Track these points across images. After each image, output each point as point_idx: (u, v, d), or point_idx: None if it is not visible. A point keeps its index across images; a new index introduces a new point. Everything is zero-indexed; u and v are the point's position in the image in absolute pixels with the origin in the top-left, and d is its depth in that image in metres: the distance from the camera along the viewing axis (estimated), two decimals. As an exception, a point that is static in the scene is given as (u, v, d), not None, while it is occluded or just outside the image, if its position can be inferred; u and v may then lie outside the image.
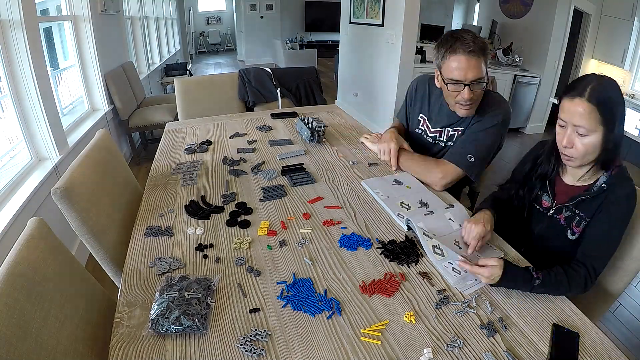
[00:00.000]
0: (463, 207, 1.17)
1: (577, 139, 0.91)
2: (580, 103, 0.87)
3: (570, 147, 0.92)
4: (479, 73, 1.12)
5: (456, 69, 1.13)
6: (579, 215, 0.99)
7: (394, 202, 1.20)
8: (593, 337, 0.76)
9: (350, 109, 4.54)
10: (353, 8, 4.18)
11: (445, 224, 1.09)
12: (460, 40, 1.11)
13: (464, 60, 1.11)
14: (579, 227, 0.99)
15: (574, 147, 0.92)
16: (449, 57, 1.14)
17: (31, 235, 0.79)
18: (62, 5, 2.77)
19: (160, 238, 1.04)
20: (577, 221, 0.99)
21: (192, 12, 11.53)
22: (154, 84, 5.40)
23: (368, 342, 0.74)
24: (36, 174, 1.94)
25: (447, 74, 1.17)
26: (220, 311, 0.80)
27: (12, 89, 1.87)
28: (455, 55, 1.12)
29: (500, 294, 0.86)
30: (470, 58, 1.10)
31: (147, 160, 3.45)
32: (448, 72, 1.16)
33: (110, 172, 1.26)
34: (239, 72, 2.96)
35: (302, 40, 10.34)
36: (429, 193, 1.27)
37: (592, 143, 0.90)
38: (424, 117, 1.46)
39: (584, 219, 0.98)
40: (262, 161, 1.49)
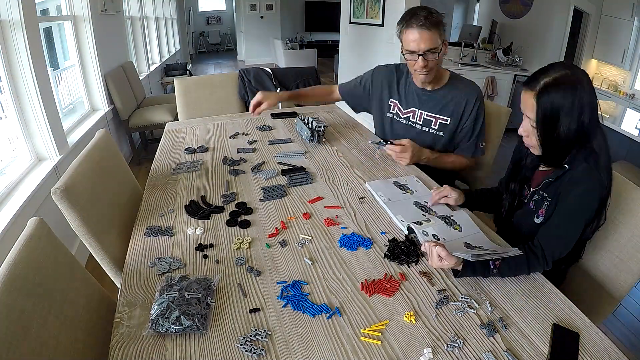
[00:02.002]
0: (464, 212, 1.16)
1: (531, 130, 0.92)
2: (529, 97, 0.89)
3: (526, 137, 0.94)
4: (432, 44, 1.28)
5: (411, 41, 1.30)
6: (545, 199, 0.99)
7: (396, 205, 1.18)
8: (593, 337, 0.76)
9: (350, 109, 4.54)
10: (353, 8, 4.18)
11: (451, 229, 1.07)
12: (415, 16, 1.27)
13: (417, 34, 1.28)
14: (543, 209, 1.00)
15: (529, 137, 0.94)
16: (405, 31, 1.31)
17: (31, 235, 0.79)
18: (62, 5, 2.77)
19: (160, 238, 1.04)
20: (543, 204, 1.00)
21: (192, 12, 11.53)
22: (154, 84, 5.40)
23: (368, 342, 0.74)
24: (36, 174, 1.94)
25: (405, 46, 1.34)
26: (220, 311, 0.80)
27: (12, 89, 1.87)
28: (410, 29, 1.29)
29: (501, 294, 0.86)
30: (422, 31, 1.27)
31: (147, 160, 3.45)
32: (406, 44, 1.34)
33: (110, 172, 1.26)
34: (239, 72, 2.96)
35: (302, 40, 10.34)
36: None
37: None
38: (395, 101, 1.60)
39: (546, 200, 0.99)
40: (262, 161, 1.49)
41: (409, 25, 1.29)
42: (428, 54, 1.30)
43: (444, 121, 1.48)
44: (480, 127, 1.48)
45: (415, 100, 1.52)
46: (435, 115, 1.49)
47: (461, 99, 1.44)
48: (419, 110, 1.52)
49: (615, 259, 1.02)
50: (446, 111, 1.47)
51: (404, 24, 1.31)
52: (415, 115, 1.54)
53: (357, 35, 4.21)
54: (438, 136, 1.52)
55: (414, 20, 1.27)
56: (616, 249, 1.02)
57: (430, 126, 1.51)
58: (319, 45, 9.58)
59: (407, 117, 1.56)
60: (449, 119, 1.47)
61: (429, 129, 1.52)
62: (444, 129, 1.50)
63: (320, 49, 8.90)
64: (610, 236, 1.04)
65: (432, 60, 1.32)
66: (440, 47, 1.30)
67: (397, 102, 1.59)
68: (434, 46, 1.28)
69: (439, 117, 1.48)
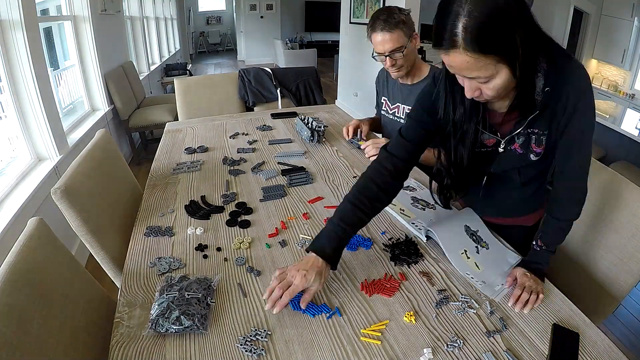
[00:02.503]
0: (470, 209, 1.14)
1: (482, 86, 0.73)
2: (457, 56, 0.67)
3: (479, 96, 0.76)
4: (394, 44, 1.33)
5: (377, 43, 1.36)
6: (535, 134, 0.85)
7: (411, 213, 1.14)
8: (593, 337, 0.76)
9: (350, 109, 4.54)
10: (353, 8, 4.18)
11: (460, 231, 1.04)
12: (376, 20, 1.33)
13: (380, 36, 1.34)
14: (541, 145, 0.86)
15: (482, 95, 0.75)
16: (371, 34, 1.37)
17: (31, 235, 0.79)
18: (62, 5, 2.77)
19: (160, 238, 1.04)
20: (536, 140, 0.85)
21: (192, 12, 11.53)
22: (154, 84, 5.40)
23: (368, 342, 0.74)
24: (36, 174, 1.94)
25: (374, 48, 1.40)
26: (220, 311, 0.80)
27: (12, 89, 1.87)
28: (374, 33, 1.35)
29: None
30: (384, 34, 1.32)
31: (147, 160, 3.45)
32: (374, 46, 1.40)
33: (110, 172, 1.26)
34: (239, 72, 2.95)
35: (302, 40, 10.34)
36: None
37: (500, 83, 0.72)
38: (385, 99, 1.65)
39: (542, 134, 0.84)
40: (262, 161, 1.49)
41: (373, 29, 1.35)
42: (394, 53, 1.36)
43: None
44: None
45: (399, 96, 1.56)
46: None
47: None
48: (402, 104, 1.56)
49: (615, 259, 1.02)
50: None
51: (369, 28, 1.37)
52: (399, 110, 1.57)
53: (357, 35, 4.21)
54: None
55: (376, 24, 1.33)
56: (616, 249, 1.02)
57: None
58: (319, 45, 9.58)
59: (394, 112, 1.60)
60: None
61: None
62: None
63: (320, 49, 8.91)
64: (610, 236, 1.03)
65: (400, 59, 1.37)
66: (406, 45, 1.35)
67: (387, 100, 1.63)
68: (398, 45, 1.34)
69: None
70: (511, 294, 0.84)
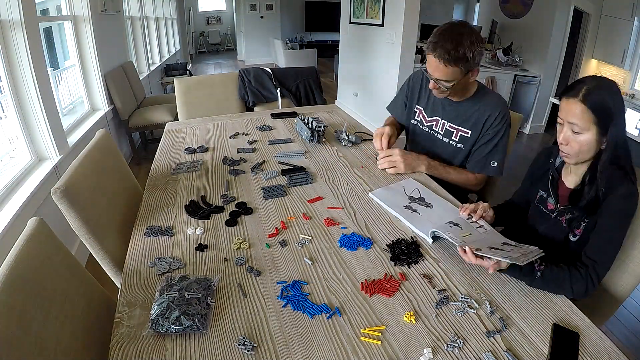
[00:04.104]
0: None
1: (572, 137, 0.95)
2: (574, 102, 0.92)
3: (565, 145, 0.97)
4: (445, 77, 1.26)
5: (428, 64, 1.28)
6: (582, 219, 1.00)
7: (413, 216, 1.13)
8: (593, 337, 0.76)
9: (350, 109, 4.54)
10: (353, 8, 4.18)
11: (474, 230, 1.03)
12: (440, 44, 1.21)
13: (435, 63, 1.24)
14: (580, 229, 1.01)
15: (569, 145, 0.96)
16: (428, 52, 1.26)
17: (31, 235, 0.79)
18: (62, 5, 2.77)
19: (160, 238, 1.04)
20: (578, 223, 1.01)
21: (192, 12, 11.53)
22: (154, 84, 5.40)
23: (368, 342, 0.74)
24: (36, 174, 1.94)
25: (426, 63, 1.31)
26: (220, 311, 0.80)
27: (12, 89, 1.87)
28: (431, 55, 1.24)
29: (501, 294, 0.86)
30: (439, 64, 1.23)
31: (147, 160, 3.45)
32: (426, 61, 1.30)
33: (110, 172, 1.26)
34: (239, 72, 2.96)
35: (302, 40, 10.34)
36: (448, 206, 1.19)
37: (586, 141, 0.93)
38: (420, 108, 1.55)
39: (583, 220, 1.00)
40: (262, 161, 1.49)
41: (432, 50, 1.23)
42: (440, 82, 1.28)
43: (464, 133, 1.43)
44: (497, 144, 1.38)
45: (439, 109, 1.48)
46: (456, 126, 1.44)
47: (484, 112, 1.37)
48: (441, 119, 1.47)
49: (617, 261, 1.02)
50: (468, 123, 1.41)
51: (430, 46, 1.24)
52: (438, 124, 1.49)
53: (357, 35, 4.20)
54: (458, 148, 1.46)
55: (437, 48, 1.21)
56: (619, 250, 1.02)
57: (451, 137, 1.46)
58: (319, 45, 9.58)
59: (430, 125, 1.51)
60: (470, 132, 1.41)
61: (449, 140, 1.47)
62: (465, 141, 1.44)
63: (320, 49, 8.91)
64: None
65: (443, 87, 1.29)
66: (458, 80, 1.26)
67: (422, 109, 1.54)
68: (448, 79, 1.26)
69: (460, 129, 1.43)
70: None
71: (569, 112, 0.93)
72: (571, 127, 0.94)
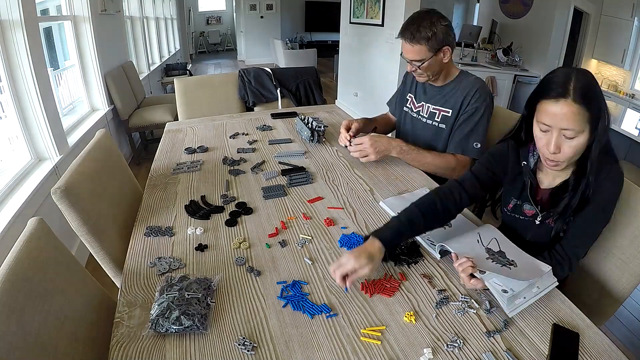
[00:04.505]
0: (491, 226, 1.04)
1: (564, 143, 0.85)
2: (566, 104, 0.80)
3: (557, 153, 0.86)
4: (415, 56, 1.36)
5: (402, 49, 1.40)
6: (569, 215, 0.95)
7: None
8: (593, 337, 0.76)
9: (350, 109, 4.54)
10: (353, 8, 4.18)
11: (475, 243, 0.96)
12: (406, 28, 1.35)
13: (403, 46, 1.38)
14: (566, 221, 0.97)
15: (561, 152, 0.86)
16: (400, 39, 1.39)
17: (31, 235, 0.79)
18: (62, 5, 2.76)
19: (160, 238, 1.04)
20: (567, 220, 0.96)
21: (192, 12, 11.53)
22: (154, 84, 5.40)
23: (368, 342, 0.74)
24: (36, 174, 1.94)
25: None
26: (220, 311, 0.80)
27: (12, 89, 1.87)
28: (400, 38, 1.38)
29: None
30: (405, 44, 1.36)
31: (147, 160, 3.45)
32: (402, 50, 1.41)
33: (110, 172, 1.26)
34: (239, 72, 2.96)
35: (302, 40, 10.34)
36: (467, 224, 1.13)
37: (580, 144, 0.84)
38: (411, 95, 1.62)
39: (571, 216, 0.95)
40: (262, 161, 1.49)
41: (400, 34, 1.37)
42: (413, 62, 1.37)
43: (446, 113, 1.47)
44: (477, 123, 1.38)
45: (425, 94, 1.55)
46: (439, 107, 1.49)
47: (464, 91, 1.42)
48: (427, 103, 1.53)
49: (617, 261, 1.02)
50: (449, 103, 1.46)
51: (400, 31, 1.38)
52: (423, 108, 1.55)
53: (357, 35, 4.20)
54: (440, 129, 1.49)
55: (404, 32, 1.35)
56: (618, 250, 1.02)
57: (434, 119, 1.51)
58: (319, 45, 9.58)
59: (418, 110, 1.58)
60: (450, 111, 1.46)
61: (432, 121, 1.52)
62: (446, 121, 1.47)
63: (320, 49, 8.90)
64: (612, 237, 1.03)
65: (422, 67, 1.37)
66: (427, 59, 1.34)
67: (413, 97, 1.61)
68: (418, 58, 1.35)
69: (442, 109, 1.48)
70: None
71: (561, 117, 0.81)
72: (563, 133, 0.83)
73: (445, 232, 1.06)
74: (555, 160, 0.88)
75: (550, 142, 0.85)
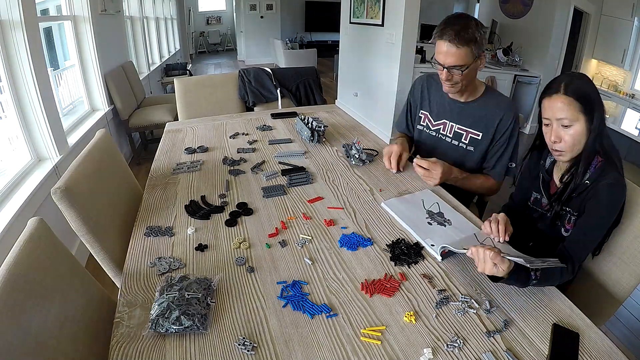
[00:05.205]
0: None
1: (563, 132, 0.96)
2: (558, 98, 0.95)
3: (559, 142, 0.98)
4: (458, 61, 1.23)
5: (439, 52, 1.26)
6: (569, 212, 1.03)
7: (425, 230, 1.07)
8: (593, 337, 0.76)
9: (350, 109, 4.54)
10: (353, 8, 4.18)
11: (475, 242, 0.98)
12: (448, 28, 1.21)
13: (445, 47, 1.23)
14: (570, 223, 1.03)
15: (562, 141, 0.97)
16: (437, 40, 1.26)
17: (31, 235, 0.78)
18: (62, 5, 2.77)
19: (160, 238, 1.04)
20: (569, 218, 1.03)
21: (192, 12, 11.53)
22: (154, 84, 5.40)
23: (368, 342, 0.74)
24: (36, 174, 1.94)
25: (435, 54, 1.29)
26: (220, 311, 0.80)
27: (12, 89, 1.87)
28: (440, 40, 1.24)
29: (501, 294, 0.86)
30: (450, 47, 1.21)
31: (147, 160, 3.45)
32: (436, 53, 1.28)
33: (110, 172, 1.26)
34: (239, 72, 2.96)
35: (302, 40, 10.34)
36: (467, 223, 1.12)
37: (577, 132, 0.95)
38: (425, 113, 1.52)
39: (573, 215, 1.02)
40: (262, 161, 1.49)
41: (441, 36, 1.23)
42: (452, 69, 1.25)
43: (475, 136, 1.39)
44: (514, 148, 1.38)
45: (446, 112, 1.44)
46: (466, 128, 1.40)
47: (495, 115, 1.34)
48: (449, 122, 1.43)
49: (617, 261, 1.02)
50: (478, 125, 1.38)
51: (437, 33, 1.24)
52: (446, 127, 1.45)
53: (357, 35, 4.20)
54: (468, 151, 1.42)
55: (446, 33, 1.21)
56: (619, 250, 1.02)
57: (461, 140, 1.42)
58: (319, 45, 9.58)
59: (438, 129, 1.47)
60: (481, 134, 1.38)
61: (459, 142, 1.43)
62: (475, 144, 1.40)
63: (320, 49, 8.90)
64: (612, 238, 1.03)
65: (457, 75, 1.26)
66: (469, 64, 1.23)
67: (428, 114, 1.51)
68: (461, 63, 1.22)
69: (470, 131, 1.40)
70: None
71: (555, 108, 0.95)
72: (560, 123, 0.96)
73: (445, 233, 1.06)
74: (558, 150, 0.99)
75: (551, 133, 0.98)
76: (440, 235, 1.05)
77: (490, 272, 0.81)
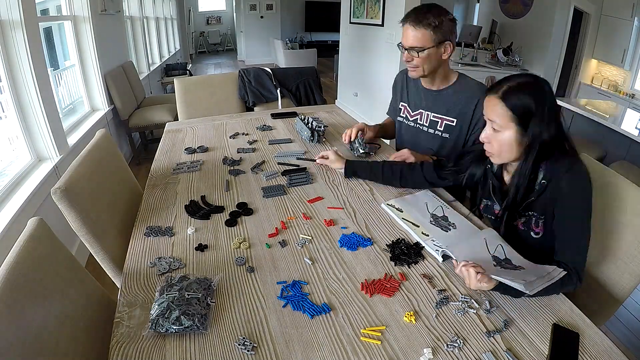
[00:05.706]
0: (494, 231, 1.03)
1: (492, 135, 0.94)
2: (494, 99, 0.91)
3: (487, 143, 0.96)
4: (415, 42, 1.29)
5: (402, 36, 1.33)
6: (534, 216, 0.98)
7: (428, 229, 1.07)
8: (593, 337, 0.76)
9: (350, 109, 4.54)
10: (353, 8, 4.18)
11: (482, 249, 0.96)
12: (410, 12, 1.30)
13: (405, 31, 1.31)
14: (539, 226, 0.98)
15: (490, 143, 0.95)
16: (402, 25, 1.34)
17: (31, 235, 0.79)
18: (62, 5, 2.76)
19: (160, 238, 1.04)
20: (535, 222, 0.98)
21: (192, 12, 11.52)
22: (154, 84, 5.40)
23: (368, 342, 0.74)
24: (36, 174, 1.93)
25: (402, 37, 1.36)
26: (220, 311, 0.80)
27: (12, 89, 1.87)
28: (403, 22, 1.33)
29: (501, 294, 0.86)
30: (409, 28, 1.29)
31: (147, 160, 3.45)
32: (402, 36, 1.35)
33: (110, 172, 1.26)
34: (239, 72, 2.95)
35: (302, 40, 10.33)
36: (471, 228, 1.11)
37: (505, 140, 0.92)
38: (404, 105, 1.57)
39: (540, 218, 0.97)
40: (262, 161, 1.49)
41: (404, 18, 1.32)
42: (412, 50, 1.30)
43: (449, 122, 1.42)
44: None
45: (422, 102, 1.48)
46: (441, 116, 1.43)
47: (470, 101, 1.36)
48: (425, 111, 1.48)
49: (617, 261, 1.02)
50: (453, 112, 1.41)
51: (403, 18, 1.33)
52: (422, 117, 1.49)
53: (357, 35, 4.21)
54: (444, 138, 1.44)
55: (408, 15, 1.30)
56: (619, 250, 1.02)
57: (436, 128, 1.46)
58: (319, 45, 9.57)
59: (415, 119, 1.52)
60: (455, 120, 1.41)
61: (434, 130, 1.46)
62: (450, 130, 1.43)
63: (320, 49, 8.90)
64: (612, 238, 1.03)
65: (417, 58, 1.31)
66: (427, 47, 1.28)
67: (406, 105, 1.55)
68: (418, 44, 1.28)
69: (445, 118, 1.43)
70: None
71: (489, 109, 0.93)
72: (492, 125, 0.93)
73: (449, 236, 1.05)
74: (488, 151, 0.97)
75: (484, 131, 0.96)
76: (444, 239, 1.03)
77: (476, 288, 0.82)
